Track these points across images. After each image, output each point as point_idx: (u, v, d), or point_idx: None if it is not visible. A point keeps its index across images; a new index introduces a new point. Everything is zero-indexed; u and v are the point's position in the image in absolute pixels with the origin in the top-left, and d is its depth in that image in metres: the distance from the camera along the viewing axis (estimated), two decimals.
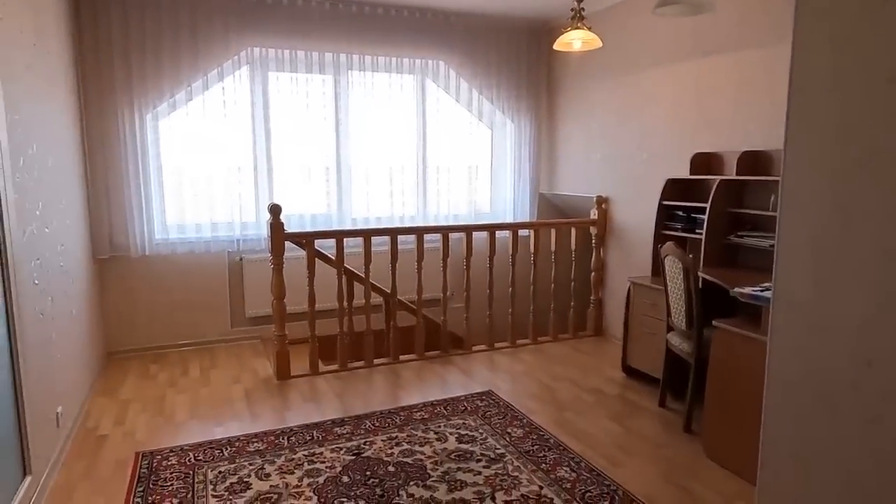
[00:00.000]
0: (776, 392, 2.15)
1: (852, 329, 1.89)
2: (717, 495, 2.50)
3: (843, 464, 1.94)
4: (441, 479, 2.60)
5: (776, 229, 2.11)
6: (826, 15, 1.88)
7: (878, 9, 1.71)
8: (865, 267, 1.83)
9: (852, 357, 1.89)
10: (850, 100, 1.85)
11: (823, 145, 1.93)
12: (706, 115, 3.82)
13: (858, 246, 1.84)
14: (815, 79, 1.94)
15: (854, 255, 1.86)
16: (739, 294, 2.68)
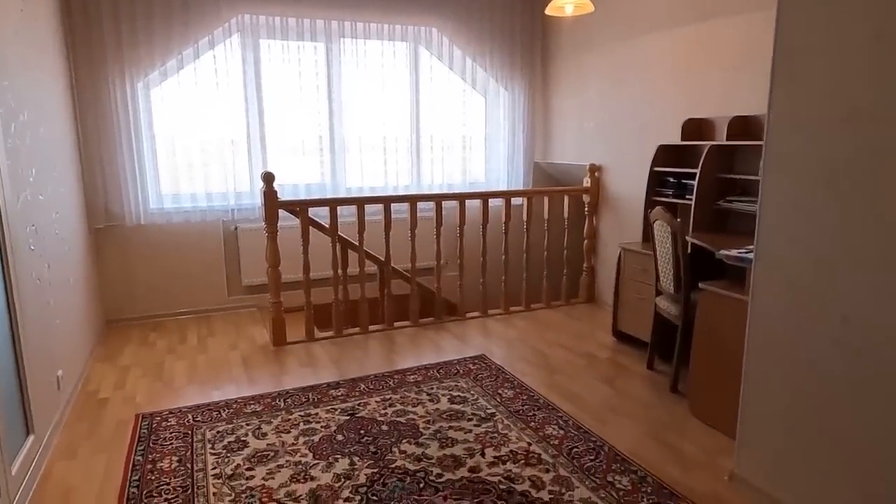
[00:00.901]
0: (757, 349, 2.22)
1: (830, 287, 1.94)
2: (700, 451, 2.58)
3: (822, 418, 2.01)
4: (433, 437, 2.68)
5: (759, 190, 2.15)
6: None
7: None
8: (846, 226, 1.88)
9: (830, 314, 1.94)
10: (835, 59, 1.87)
11: (808, 105, 1.96)
12: (698, 81, 3.81)
13: (840, 205, 1.89)
14: (801, 38, 1.96)
15: (835, 215, 1.91)
16: (725, 256, 2.73)
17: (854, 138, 1.82)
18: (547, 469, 2.41)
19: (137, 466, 2.46)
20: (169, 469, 2.44)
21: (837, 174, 1.87)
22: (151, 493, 2.27)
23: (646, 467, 2.42)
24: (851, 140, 1.82)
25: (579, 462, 2.46)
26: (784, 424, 2.13)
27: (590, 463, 2.46)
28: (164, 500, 2.23)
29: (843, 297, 1.88)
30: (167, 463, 2.49)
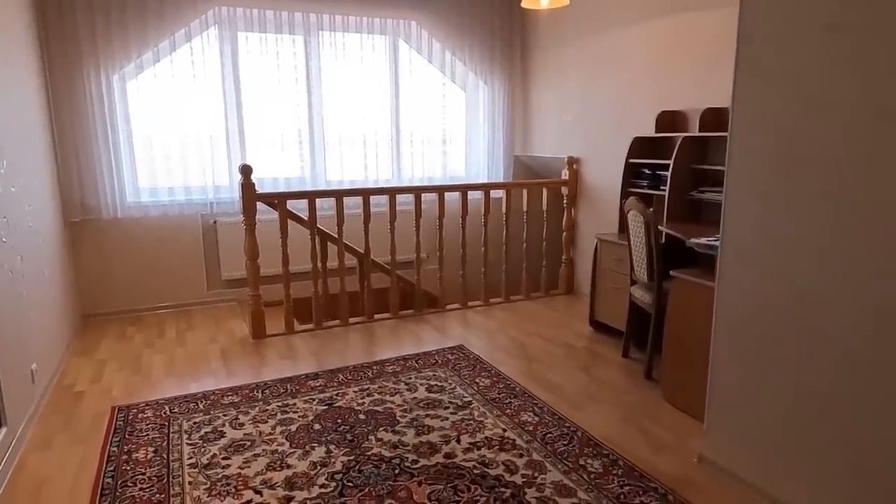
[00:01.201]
0: (723, 332, 2.27)
1: (791, 270, 1.99)
2: (671, 434, 2.64)
3: (784, 400, 2.06)
4: (409, 425, 2.71)
5: (724, 179, 2.20)
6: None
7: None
8: (806, 212, 1.93)
9: (790, 298, 2.00)
10: (792, 48, 1.92)
11: (769, 95, 2.00)
12: (672, 74, 3.87)
13: (800, 192, 1.94)
14: (759, 28, 2.00)
15: (796, 201, 1.96)
16: (695, 244, 2.79)
17: (811, 125, 1.87)
18: (521, 454, 2.45)
19: (112, 457, 2.46)
20: (144, 459, 2.44)
21: (796, 162, 1.92)
22: (126, 483, 2.27)
23: (617, 451, 2.47)
24: (809, 128, 1.88)
25: (552, 447, 2.50)
26: (748, 406, 2.18)
27: (563, 448, 2.50)
28: (139, 490, 2.23)
29: (802, 280, 1.94)
30: (143, 454, 2.49)
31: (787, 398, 2.03)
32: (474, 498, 2.15)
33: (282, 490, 2.21)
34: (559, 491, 2.19)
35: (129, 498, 2.18)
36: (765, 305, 2.08)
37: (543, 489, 2.20)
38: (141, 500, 2.17)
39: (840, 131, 1.78)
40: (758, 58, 2.02)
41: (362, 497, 2.16)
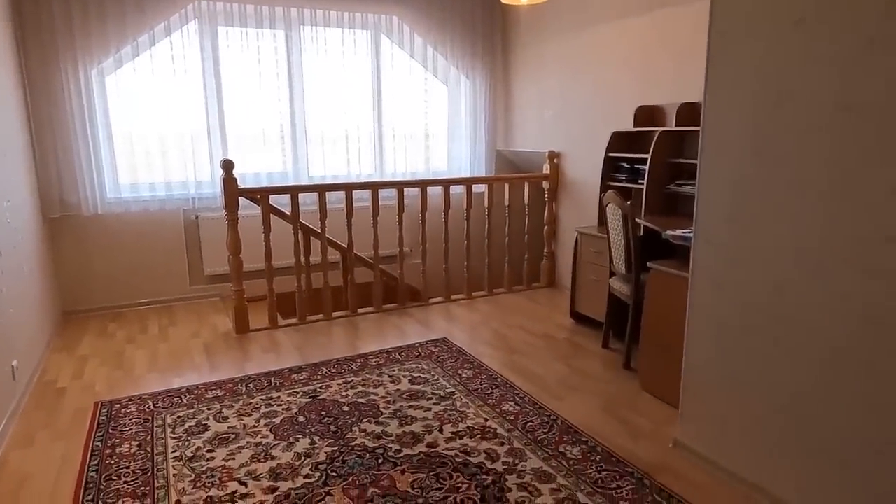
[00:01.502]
0: (697, 321, 2.34)
1: (762, 261, 2.06)
2: (648, 421, 2.71)
3: (756, 385, 2.14)
4: (393, 416, 2.74)
5: (697, 173, 2.27)
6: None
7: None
8: (773, 204, 2.00)
9: (763, 286, 2.07)
10: (762, 43, 1.97)
11: (739, 89, 2.06)
12: (650, 69, 3.94)
13: (771, 184, 2.01)
14: (731, 24, 2.06)
15: (767, 193, 2.02)
16: (671, 236, 2.86)
17: (779, 118, 1.93)
18: (502, 442, 2.50)
19: (96, 452, 2.47)
20: (128, 453, 2.45)
21: (766, 153, 1.99)
22: (110, 477, 2.29)
23: (596, 438, 2.53)
24: (777, 120, 1.94)
25: (533, 435, 2.56)
26: (721, 392, 2.25)
27: (543, 435, 2.56)
28: (123, 483, 2.24)
29: (774, 268, 2.01)
30: (126, 448, 2.50)
31: (758, 384, 2.10)
32: (456, 485, 2.19)
33: (266, 481, 2.24)
34: (539, 477, 2.24)
35: (114, 491, 2.19)
36: (735, 294, 2.15)
37: (524, 475, 2.25)
38: (125, 493, 2.18)
39: (806, 124, 1.85)
40: (729, 52, 2.08)
41: (346, 486, 2.20)
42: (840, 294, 1.80)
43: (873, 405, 1.75)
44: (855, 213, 1.74)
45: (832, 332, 1.84)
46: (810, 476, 1.95)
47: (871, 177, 1.69)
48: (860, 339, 1.76)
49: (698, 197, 2.26)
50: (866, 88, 1.68)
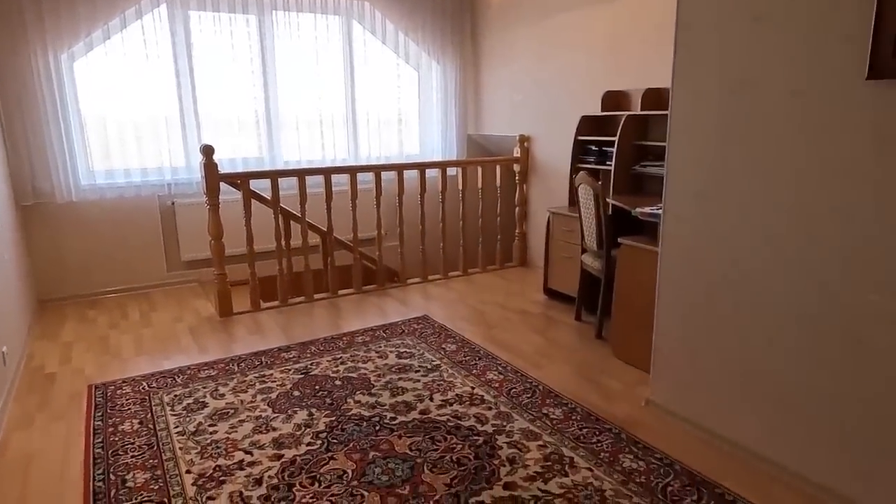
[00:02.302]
0: (666, 291, 2.56)
1: (723, 233, 2.28)
2: (620, 384, 2.94)
3: (716, 346, 2.37)
4: (384, 388, 2.90)
5: (665, 154, 2.47)
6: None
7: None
8: (733, 181, 2.22)
9: (723, 256, 2.29)
10: (725, 35, 2.18)
11: (704, 76, 2.27)
12: (616, 56, 4.14)
13: (731, 164, 2.22)
14: (695, 16, 2.26)
15: (727, 172, 2.24)
16: (640, 213, 3.08)
17: (740, 104, 2.14)
18: (489, 407, 2.68)
19: (98, 430, 2.54)
20: (131, 430, 2.54)
21: (727, 135, 2.20)
22: (117, 452, 2.37)
23: (575, 400, 2.75)
24: (738, 105, 2.15)
25: (518, 400, 2.75)
26: (687, 354, 2.49)
27: (527, 400, 2.75)
28: (131, 458, 2.33)
29: (734, 239, 2.23)
30: (128, 425, 2.58)
31: (720, 345, 2.34)
32: (451, 446, 2.37)
33: (271, 449, 2.37)
34: (526, 436, 2.44)
35: (123, 465, 2.28)
36: (701, 265, 2.37)
37: (512, 435, 2.44)
38: (135, 466, 2.28)
39: (762, 109, 2.06)
40: (694, 43, 2.27)
41: (348, 451, 2.34)
42: (790, 261, 2.04)
43: (816, 359, 1.99)
44: (803, 187, 1.97)
45: (783, 297, 2.07)
46: (763, 422, 2.20)
47: (817, 155, 1.91)
48: (806, 301, 2.00)
49: (667, 176, 2.47)
50: (813, 76, 1.89)
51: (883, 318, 1.81)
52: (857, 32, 1.76)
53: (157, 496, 2.09)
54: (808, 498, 2.04)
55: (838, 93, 1.84)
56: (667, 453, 2.30)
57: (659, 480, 2.14)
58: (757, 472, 2.19)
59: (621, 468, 2.21)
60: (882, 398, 1.84)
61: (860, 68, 1.75)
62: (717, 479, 2.13)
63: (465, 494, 2.06)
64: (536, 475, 2.17)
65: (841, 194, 1.87)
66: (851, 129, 1.82)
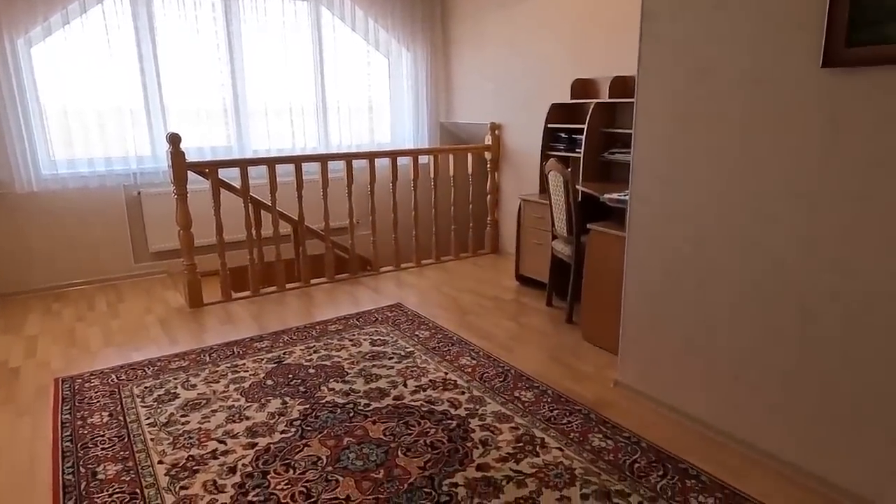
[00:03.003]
0: (633, 273, 2.63)
1: (686, 216, 2.35)
2: (591, 366, 3.01)
3: (680, 322, 2.45)
4: (358, 375, 2.91)
5: (632, 140, 2.52)
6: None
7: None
8: (695, 166, 2.28)
9: (687, 238, 2.36)
10: (687, 23, 2.22)
11: (667, 64, 2.32)
12: (584, 44, 4.18)
13: (690, 149, 2.28)
14: (659, 4, 2.30)
15: (688, 156, 2.30)
16: (608, 199, 3.13)
17: (700, 89, 2.20)
18: (462, 392, 2.72)
19: (66, 424, 2.50)
20: (101, 423, 2.51)
21: (689, 122, 2.26)
22: (87, 445, 2.34)
23: (546, 383, 2.80)
24: (699, 92, 2.21)
25: (490, 384, 2.80)
26: (654, 335, 2.56)
27: (499, 384, 2.80)
28: (101, 450, 2.31)
29: (697, 222, 2.30)
30: (98, 418, 2.55)
31: (684, 325, 2.41)
32: (425, 430, 2.40)
33: (245, 438, 2.37)
34: (499, 419, 2.49)
35: (93, 458, 2.26)
36: (666, 247, 2.44)
37: (485, 418, 2.49)
38: (105, 458, 2.25)
39: (722, 96, 2.12)
40: (659, 31, 2.32)
41: (323, 438, 2.36)
42: (752, 243, 2.11)
43: (772, 336, 2.08)
44: (761, 172, 2.03)
45: (743, 276, 2.15)
46: (724, 398, 2.28)
47: (775, 140, 1.98)
48: (763, 280, 2.08)
49: (633, 162, 2.52)
50: (771, 64, 1.96)
51: (836, 297, 1.89)
52: (812, 22, 1.82)
53: (129, 487, 2.07)
54: (768, 469, 2.13)
55: (795, 80, 1.90)
56: (634, 431, 2.38)
57: (626, 458, 2.21)
58: (719, 446, 2.28)
59: (590, 447, 2.28)
60: (833, 371, 1.93)
61: (815, 57, 1.82)
62: (681, 455, 2.21)
63: (438, 477, 2.09)
64: (508, 456, 2.22)
65: (796, 178, 1.94)
66: (807, 116, 1.89)
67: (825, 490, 1.99)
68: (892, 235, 1.74)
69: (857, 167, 1.79)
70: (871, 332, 1.83)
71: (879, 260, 1.78)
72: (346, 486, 2.05)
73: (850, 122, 1.79)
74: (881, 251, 1.77)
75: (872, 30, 1.68)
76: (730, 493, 2.00)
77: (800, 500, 1.96)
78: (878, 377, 1.83)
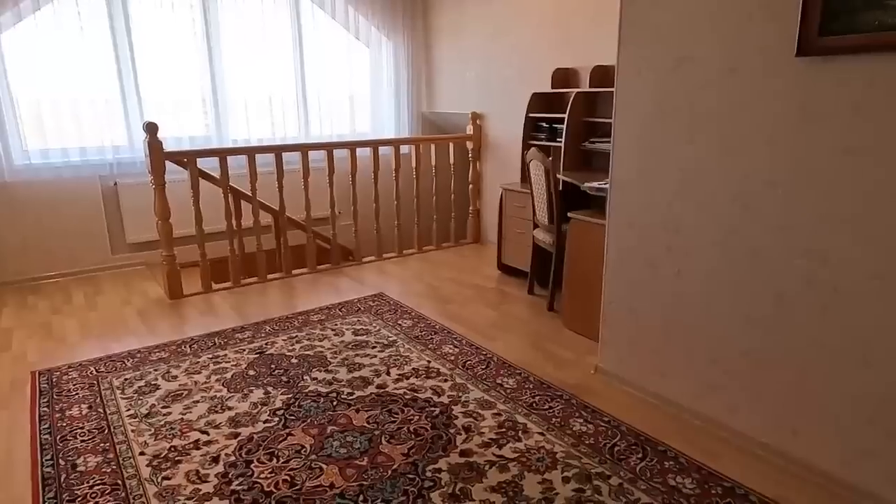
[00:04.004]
0: (613, 260, 2.66)
1: (665, 204, 2.38)
2: (572, 353, 3.04)
3: (659, 309, 2.49)
4: (341, 364, 2.91)
5: (612, 129, 2.54)
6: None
7: None
8: (672, 155, 2.31)
9: (665, 226, 2.39)
10: (665, 12, 2.24)
11: (647, 53, 2.34)
12: (564, 33, 4.20)
13: (668, 138, 2.31)
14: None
15: (665, 146, 2.33)
16: (588, 188, 3.16)
17: (678, 78, 2.23)
18: (445, 379, 2.74)
19: (45, 417, 2.47)
20: (80, 415, 2.48)
21: (667, 110, 2.29)
22: (66, 437, 2.32)
23: (528, 370, 2.83)
24: (677, 80, 2.23)
25: (473, 371, 2.82)
26: (633, 321, 2.60)
27: (482, 371, 2.83)
28: (81, 442, 2.29)
29: (672, 210, 2.33)
30: (77, 410, 2.52)
31: (662, 311, 2.45)
32: (408, 418, 2.41)
33: (227, 428, 2.36)
34: (481, 405, 2.51)
35: (73, 450, 2.23)
36: (644, 234, 2.47)
37: (468, 405, 2.51)
38: (85, 450, 2.23)
39: (700, 85, 2.15)
40: (638, 20, 2.34)
41: (306, 426, 2.36)
42: (728, 230, 2.15)
43: (748, 321, 2.12)
44: (737, 160, 2.07)
45: (720, 263, 2.19)
46: (701, 382, 2.33)
47: (751, 129, 2.02)
48: (739, 266, 2.12)
49: (613, 149, 2.55)
50: (747, 53, 1.99)
51: (810, 283, 1.94)
52: (787, 11, 1.85)
53: (110, 479, 2.06)
54: (743, 450, 2.18)
55: (771, 69, 1.93)
56: (614, 416, 2.42)
57: (607, 441, 2.25)
58: (696, 429, 2.33)
59: (572, 432, 2.31)
60: (806, 355, 1.98)
61: (790, 46, 1.85)
62: (660, 438, 2.26)
63: (422, 463, 2.11)
64: (491, 441, 2.24)
65: (771, 167, 1.98)
66: (782, 105, 1.92)
67: (797, 469, 2.05)
68: (863, 222, 1.79)
69: (830, 155, 1.83)
70: (842, 317, 1.88)
71: (852, 247, 1.82)
72: (330, 473, 2.06)
73: (823, 110, 1.83)
74: (853, 238, 1.82)
75: (845, 19, 1.72)
76: (706, 473, 2.05)
77: (773, 479, 2.02)
78: (849, 360, 1.88)
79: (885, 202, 1.73)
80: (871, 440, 1.86)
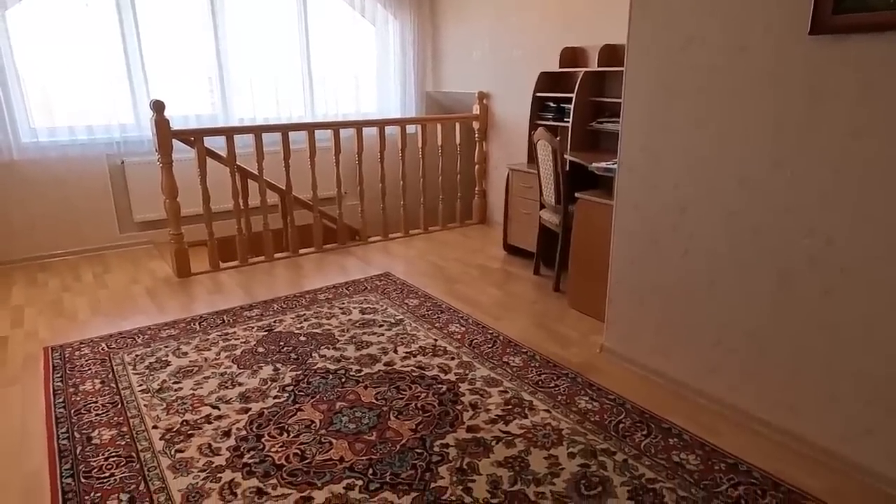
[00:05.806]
0: (620, 241, 2.67)
1: (671, 185, 2.38)
2: (576, 333, 3.07)
3: (664, 289, 2.50)
4: (349, 342, 2.95)
5: (621, 110, 2.53)
6: None
7: None
8: (680, 135, 2.30)
9: (671, 206, 2.39)
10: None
11: (655, 34, 2.32)
12: (573, 12, 4.15)
13: (676, 118, 2.30)
14: None
15: (673, 126, 2.32)
16: (596, 168, 3.16)
17: (687, 61, 2.21)
18: (452, 357, 2.77)
19: (59, 391, 2.51)
20: (93, 390, 2.52)
21: (675, 88, 2.27)
22: (80, 412, 2.36)
23: (534, 348, 2.86)
24: (685, 62, 2.22)
25: (479, 350, 2.85)
26: (638, 300, 2.62)
27: (488, 350, 2.86)
28: (95, 416, 2.33)
29: (678, 191, 2.33)
30: (90, 385, 2.56)
31: (667, 291, 2.47)
32: (416, 394, 2.45)
33: (238, 403, 2.40)
34: (488, 383, 2.54)
35: (87, 423, 2.28)
36: (650, 215, 2.48)
37: (475, 382, 2.54)
38: (100, 424, 2.28)
39: (710, 65, 2.14)
40: (648, 2, 2.31)
41: (315, 402, 2.40)
42: (730, 212, 2.16)
43: (750, 300, 2.14)
44: (744, 144, 2.07)
45: (724, 242, 2.20)
46: (703, 360, 2.35)
47: (760, 109, 2.01)
48: (742, 247, 2.13)
49: (622, 130, 2.54)
50: (759, 32, 1.97)
51: (812, 263, 1.95)
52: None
53: (124, 451, 2.10)
54: (744, 427, 2.21)
55: (783, 48, 1.92)
56: (619, 394, 2.45)
57: (612, 419, 2.28)
58: (699, 406, 2.36)
59: (577, 409, 2.34)
60: (808, 334, 2.00)
61: (804, 24, 1.84)
62: (664, 415, 2.29)
63: (430, 438, 2.15)
64: (498, 418, 2.28)
65: (779, 146, 1.98)
66: (792, 84, 1.91)
67: (798, 446, 2.08)
68: (867, 203, 1.79)
69: (838, 136, 1.83)
70: (845, 297, 1.89)
71: (855, 227, 1.83)
72: (340, 447, 2.10)
73: (833, 90, 1.82)
74: (857, 219, 1.82)
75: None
76: (709, 449, 2.09)
77: (775, 455, 2.05)
78: (850, 339, 1.90)
79: (891, 184, 1.73)
80: (871, 418, 1.89)
